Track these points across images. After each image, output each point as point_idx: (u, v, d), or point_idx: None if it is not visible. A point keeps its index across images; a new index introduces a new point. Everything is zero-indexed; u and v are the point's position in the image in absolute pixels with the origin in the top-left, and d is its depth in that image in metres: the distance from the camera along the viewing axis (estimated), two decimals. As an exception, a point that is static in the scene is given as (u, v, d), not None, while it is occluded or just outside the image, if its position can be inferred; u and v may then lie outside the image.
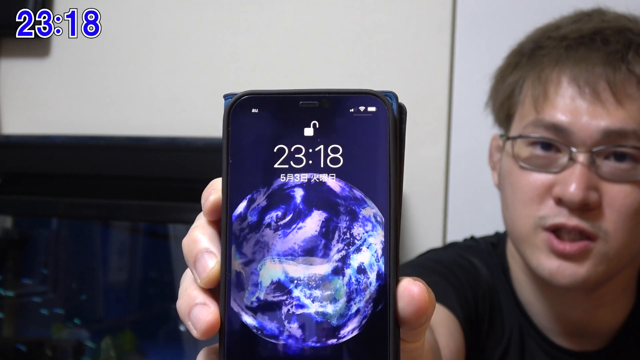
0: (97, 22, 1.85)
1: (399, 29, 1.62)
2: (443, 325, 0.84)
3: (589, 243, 0.83)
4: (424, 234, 1.57)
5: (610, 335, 0.92)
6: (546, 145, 0.85)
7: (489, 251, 1.01)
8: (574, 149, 0.82)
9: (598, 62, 0.83)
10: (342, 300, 0.44)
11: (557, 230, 0.84)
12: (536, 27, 0.93)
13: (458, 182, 1.53)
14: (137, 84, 1.82)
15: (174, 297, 1.51)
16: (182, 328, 1.53)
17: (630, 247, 0.85)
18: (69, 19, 1.88)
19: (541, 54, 0.88)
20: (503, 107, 0.91)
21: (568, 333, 0.93)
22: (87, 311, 1.64)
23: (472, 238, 1.07)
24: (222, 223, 0.47)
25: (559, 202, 0.83)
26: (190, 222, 0.54)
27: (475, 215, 1.47)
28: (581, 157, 0.82)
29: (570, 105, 0.83)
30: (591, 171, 0.82)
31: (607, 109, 0.82)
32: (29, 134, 1.75)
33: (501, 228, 1.10)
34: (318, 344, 0.43)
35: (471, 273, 0.96)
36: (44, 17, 1.86)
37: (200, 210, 0.51)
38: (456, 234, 1.54)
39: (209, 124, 1.75)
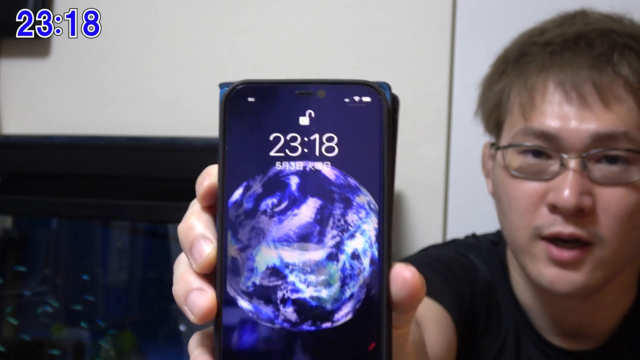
0: (97, 22, 1.85)
1: (399, 29, 1.62)
2: (435, 322, 0.84)
3: (585, 250, 0.82)
4: (424, 234, 1.57)
5: (607, 334, 0.91)
6: (537, 153, 0.85)
7: (489, 249, 1.00)
8: (564, 155, 0.82)
9: (583, 66, 0.83)
10: (336, 285, 0.45)
11: (554, 239, 0.83)
12: (520, 32, 0.93)
13: (458, 182, 1.53)
14: (137, 84, 1.82)
15: (174, 297, 1.50)
16: (182, 328, 1.53)
17: (626, 250, 0.85)
18: (69, 19, 1.88)
19: (526, 60, 0.88)
20: (492, 116, 0.91)
21: (565, 334, 0.93)
22: (87, 311, 1.64)
23: (474, 235, 1.07)
24: (218, 209, 0.47)
25: (553, 209, 0.83)
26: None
27: (475, 215, 1.47)
28: (572, 163, 0.82)
29: (558, 111, 0.82)
30: (583, 176, 0.82)
31: (595, 112, 0.81)
32: (29, 134, 1.75)
33: (501, 228, 1.10)
34: (313, 328, 0.44)
35: (469, 271, 0.96)
36: (44, 17, 1.86)
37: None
38: (456, 234, 1.53)
39: (209, 124, 1.74)
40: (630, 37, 0.86)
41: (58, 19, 1.89)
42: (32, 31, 1.84)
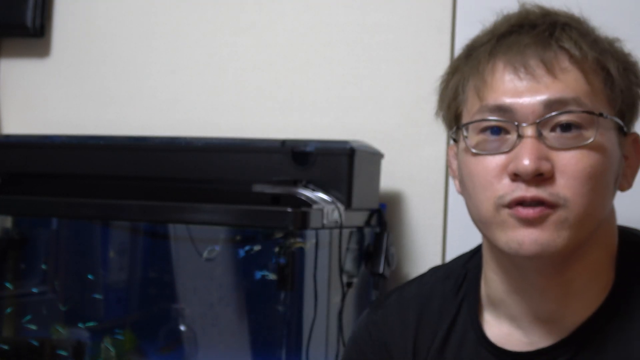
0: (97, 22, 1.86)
1: (399, 29, 1.62)
2: None
3: (549, 209, 0.86)
4: (424, 234, 1.57)
5: (576, 326, 0.92)
6: (495, 130, 0.89)
7: (448, 276, 1.07)
8: (521, 124, 0.87)
9: (529, 43, 0.88)
10: None
11: (518, 205, 0.87)
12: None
13: (458, 182, 1.53)
14: (137, 84, 1.82)
15: (174, 297, 1.50)
16: (182, 328, 1.53)
17: (590, 212, 0.87)
18: (69, 19, 1.88)
19: (475, 51, 0.93)
20: (450, 109, 0.97)
21: (539, 323, 0.94)
22: (87, 311, 1.64)
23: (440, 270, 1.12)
24: None
25: (515, 177, 0.86)
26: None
27: (475, 215, 1.47)
28: (528, 131, 0.86)
29: (510, 86, 0.88)
30: (540, 142, 0.86)
31: (544, 83, 0.87)
32: (29, 134, 1.75)
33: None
34: None
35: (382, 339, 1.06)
36: (44, 17, 1.86)
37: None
38: (456, 234, 1.54)
39: (209, 124, 1.75)
40: (570, 18, 0.92)
41: (58, 19, 1.89)
42: (32, 31, 1.84)
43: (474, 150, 0.90)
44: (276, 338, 1.43)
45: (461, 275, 1.05)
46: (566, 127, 0.86)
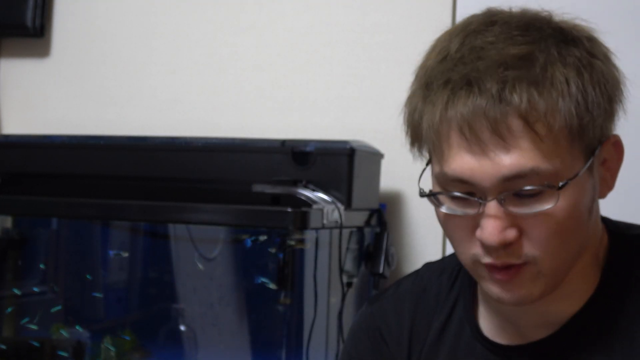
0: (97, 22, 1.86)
1: (399, 29, 1.62)
2: None
3: (521, 267, 0.87)
4: (424, 234, 1.57)
5: (565, 320, 0.93)
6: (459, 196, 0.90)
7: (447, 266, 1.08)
8: (480, 200, 0.86)
9: (479, 110, 0.84)
10: None
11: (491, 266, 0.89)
12: (433, 43, 0.96)
13: (458, 182, 1.53)
14: (137, 84, 1.82)
15: (174, 297, 1.50)
16: (182, 328, 1.53)
17: (564, 262, 0.89)
18: (69, 19, 1.88)
19: (429, 94, 0.91)
20: (413, 134, 0.95)
21: (529, 324, 0.95)
22: (87, 311, 1.64)
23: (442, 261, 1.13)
24: None
25: (482, 244, 0.87)
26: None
27: (475, 215, 1.47)
28: (489, 205, 0.86)
29: (465, 161, 0.87)
30: (502, 213, 0.86)
31: (499, 156, 0.84)
32: (29, 134, 1.75)
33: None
34: None
35: (380, 340, 1.06)
36: (44, 17, 1.86)
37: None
38: (456, 234, 1.54)
39: (209, 124, 1.75)
40: (521, 58, 0.86)
41: (58, 19, 1.89)
42: (32, 31, 1.84)
43: (444, 210, 0.90)
44: (276, 338, 1.43)
45: (456, 270, 1.07)
46: (527, 194, 0.85)
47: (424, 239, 1.57)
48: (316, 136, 1.60)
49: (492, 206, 0.86)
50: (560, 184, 0.85)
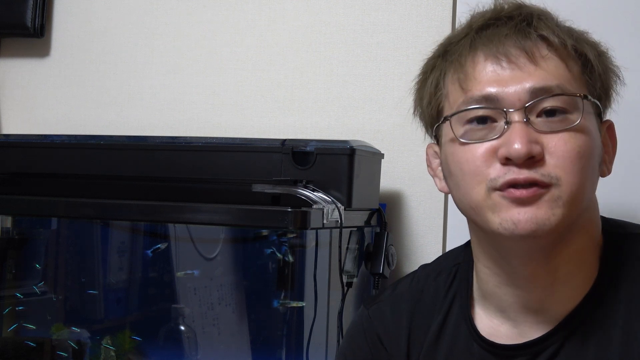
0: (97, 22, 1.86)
1: (399, 29, 1.62)
2: None
3: (542, 189, 0.87)
4: (424, 234, 1.57)
5: (564, 316, 0.93)
6: (482, 120, 0.91)
7: (441, 272, 1.08)
8: (509, 110, 0.88)
9: (508, 34, 0.90)
10: None
11: (510, 187, 0.88)
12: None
13: (458, 182, 1.53)
14: (137, 84, 1.82)
15: (174, 297, 1.50)
16: (182, 328, 1.53)
17: (582, 190, 0.89)
18: (69, 19, 1.88)
19: (453, 46, 0.95)
20: (431, 105, 0.98)
21: (528, 313, 0.96)
22: (87, 311, 1.64)
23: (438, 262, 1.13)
24: None
25: (506, 161, 0.88)
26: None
27: (475, 215, 1.47)
28: (516, 116, 0.88)
29: (494, 76, 0.89)
30: (529, 127, 0.88)
31: (527, 71, 0.89)
32: (29, 134, 1.75)
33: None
34: None
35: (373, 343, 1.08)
36: (44, 17, 1.86)
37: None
38: (456, 234, 1.54)
39: (209, 124, 1.75)
40: (543, 10, 0.94)
41: (58, 19, 1.89)
42: (32, 31, 1.84)
43: (462, 140, 0.91)
44: (276, 338, 1.43)
45: (452, 272, 1.07)
46: (551, 112, 0.88)
47: (424, 239, 1.57)
48: (316, 136, 1.60)
49: (518, 116, 0.88)
50: (585, 94, 0.89)
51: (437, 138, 0.99)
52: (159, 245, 1.58)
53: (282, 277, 1.39)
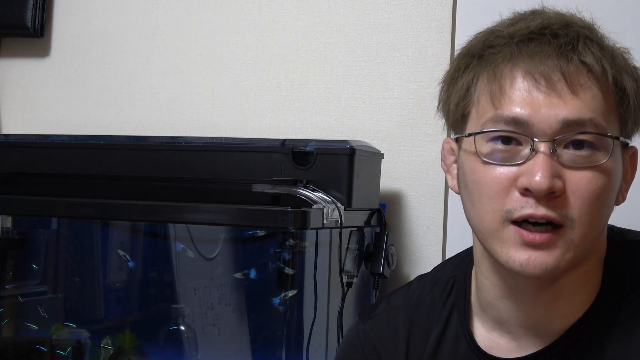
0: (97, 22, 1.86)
1: (399, 29, 1.62)
2: None
3: (556, 232, 0.85)
4: (424, 234, 1.57)
5: (564, 329, 0.92)
6: (506, 140, 0.87)
7: (436, 288, 1.06)
8: (536, 139, 0.85)
9: (551, 55, 0.86)
10: None
11: (524, 222, 0.85)
12: (477, 32, 0.96)
13: (458, 182, 1.53)
14: (137, 84, 1.82)
15: (174, 297, 1.50)
16: (182, 328, 1.53)
17: (593, 232, 0.88)
18: (69, 19, 1.88)
19: (492, 52, 0.90)
20: (458, 107, 0.93)
21: (529, 327, 0.94)
22: (87, 311, 1.64)
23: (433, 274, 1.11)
24: None
25: (525, 192, 0.85)
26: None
27: (475, 215, 1.47)
28: (543, 147, 0.84)
29: (528, 98, 0.85)
30: (553, 160, 0.84)
31: (564, 99, 0.85)
32: (29, 134, 1.75)
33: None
34: None
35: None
36: (44, 17, 1.86)
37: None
38: (456, 234, 1.54)
39: (209, 124, 1.75)
40: (589, 29, 0.90)
41: (58, 19, 1.89)
42: (32, 31, 1.84)
43: (485, 159, 0.87)
44: (276, 338, 1.43)
45: (449, 282, 1.05)
46: (579, 145, 0.85)
47: (424, 239, 1.57)
48: (316, 136, 1.60)
49: (545, 147, 0.84)
50: (617, 136, 0.86)
51: (456, 139, 0.96)
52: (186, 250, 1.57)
53: (282, 277, 1.39)
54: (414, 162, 1.58)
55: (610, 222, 1.00)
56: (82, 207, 1.44)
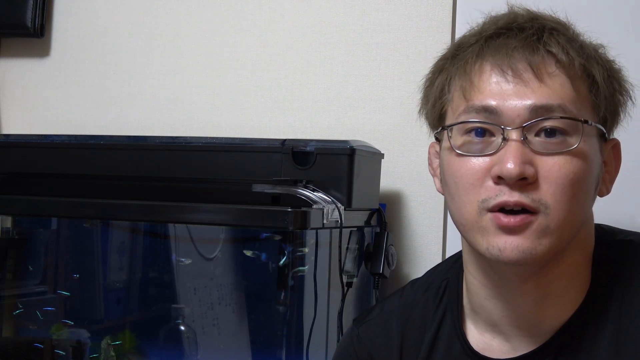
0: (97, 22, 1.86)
1: (399, 29, 1.62)
2: None
3: (530, 216, 0.86)
4: (424, 234, 1.57)
5: (555, 330, 0.93)
6: (480, 132, 0.89)
7: (429, 291, 1.07)
8: (506, 127, 0.87)
9: (517, 47, 0.88)
10: None
11: (500, 210, 0.87)
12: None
13: (458, 182, 1.53)
14: (137, 84, 1.82)
15: (174, 297, 1.50)
16: (182, 328, 1.53)
17: (570, 219, 0.88)
18: (69, 19, 1.88)
19: (463, 51, 0.93)
20: (435, 108, 0.97)
21: (519, 327, 0.95)
22: (87, 311, 1.64)
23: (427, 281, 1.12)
24: None
25: (498, 180, 0.87)
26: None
27: (475, 215, 1.47)
28: (514, 135, 0.87)
29: (497, 89, 0.88)
30: (525, 146, 0.86)
31: (531, 87, 0.87)
32: (29, 134, 1.75)
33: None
34: None
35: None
36: (44, 17, 1.86)
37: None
38: (456, 234, 1.53)
39: (209, 124, 1.75)
40: (557, 22, 0.93)
41: (58, 19, 1.89)
42: (32, 31, 1.84)
43: (458, 151, 0.90)
44: (276, 338, 1.43)
45: (442, 286, 1.06)
46: (550, 132, 0.87)
47: (424, 239, 1.57)
48: (316, 136, 1.60)
49: (515, 134, 0.86)
50: (586, 119, 0.87)
51: (438, 140, 0.98)
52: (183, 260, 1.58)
53: (282, 277, 1.39)
54: (414, 162, 1.58)
55: (602, 219, 1.00)
56: (82, 207, 1.44)
